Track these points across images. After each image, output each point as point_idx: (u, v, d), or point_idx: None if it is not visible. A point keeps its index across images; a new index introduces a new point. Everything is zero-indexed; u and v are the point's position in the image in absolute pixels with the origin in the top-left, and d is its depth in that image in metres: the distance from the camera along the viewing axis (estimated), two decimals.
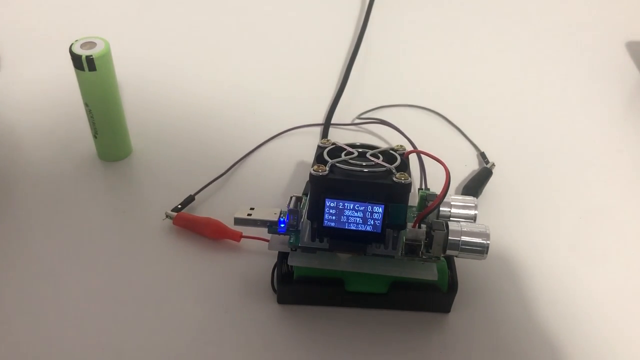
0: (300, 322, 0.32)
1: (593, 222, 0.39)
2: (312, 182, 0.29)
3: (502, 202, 0.40)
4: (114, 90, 0.38)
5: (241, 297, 0.33)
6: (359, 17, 0.58)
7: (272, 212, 0.31)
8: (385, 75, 0.52)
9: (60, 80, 0.47)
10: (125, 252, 0.35)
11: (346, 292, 0.32)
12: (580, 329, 0.33)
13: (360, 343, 0.31)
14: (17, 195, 0.39)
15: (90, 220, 0.37)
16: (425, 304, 0.33)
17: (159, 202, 0.38)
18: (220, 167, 0.41)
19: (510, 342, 0.32)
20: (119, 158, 0.42)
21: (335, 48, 0.54)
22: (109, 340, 0.31)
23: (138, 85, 0.48)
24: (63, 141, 0.43)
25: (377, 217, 0.29)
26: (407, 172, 0.30)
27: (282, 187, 0.40)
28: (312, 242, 0.31)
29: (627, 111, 0.50)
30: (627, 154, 0.45)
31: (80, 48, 0.36)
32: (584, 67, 0.54)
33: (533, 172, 0.42)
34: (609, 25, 0.60)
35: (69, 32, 0.52)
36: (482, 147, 0.44)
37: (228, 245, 0.36)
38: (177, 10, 0.59)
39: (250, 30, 0.56)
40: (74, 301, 0.33)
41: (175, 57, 0.52)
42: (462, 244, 0.29)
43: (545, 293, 0.34)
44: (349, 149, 0.32)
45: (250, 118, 0.46)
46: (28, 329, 0.31)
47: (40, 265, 0.34)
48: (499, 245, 0.36)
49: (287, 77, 0.51)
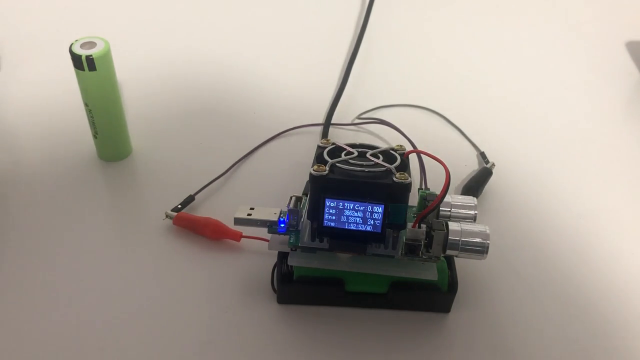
0: (300, 322, 0.32)
1: (593, 222, 0.39)
2: (312, 182, 0.29)
3: (502, 202, 0.40)
4: (114, 90, 0.38)
5: (241, 297, 0.33)
6: (359, 16, 0.58)
7: (272, 212, 0.31)
8: (385, 75, 0.52)
9: (60, 80, 0.47)
10: (125, 252, 0.36)
11: (346, 292, 0.32)
12: (580, 329, 0.33)
13: (360, 343, 0.31)
14: (17, 195, 0.39)
15: (90, 220, 0.37)
16: (425, 304, 0.33)
17: (159, 202, 0.38)
18: (220, 167, 0.41)
19: (510, 342, 0.32)
20: (119, 158, 0.42)
21: (335, 48, 0.54)
22: (108, 340, 0.31)
23: (138, 85, 0.48)
24: (63, 141, 0.43)
25: (377, 217, 0.29)
26: (407, 172, 0.29)
27: (282, 187, 0.40)
28: (312, 242, 0.31)
29: (627, 111, 0.50)
30: (627, 153, 0.45)
31: (80, 48, 0.36)
32: (584, 67, 0.54)
33: (533, 172, 0.42)
34: (609, 25, 0.60)
35: (69, 32, 0.52)
36: (482, 147, 0.44)
37: (228, 245, 0.36)
38: (177, 10, 0.59)
39: (251, 30, 0.56)
40: (73, 301, 0.33)
41: (175, 57, 0.52)
42: (462, 244, 0.29)
43: (545, 293, 0.34)
44: (349, 149, 0.32)
45: (250, 118, 0.46)
46: (28, 329, 0.31)
47: (40, 265, 0.34)
48: (499, 245, 0.36)
49: (287, 77, 0.51)
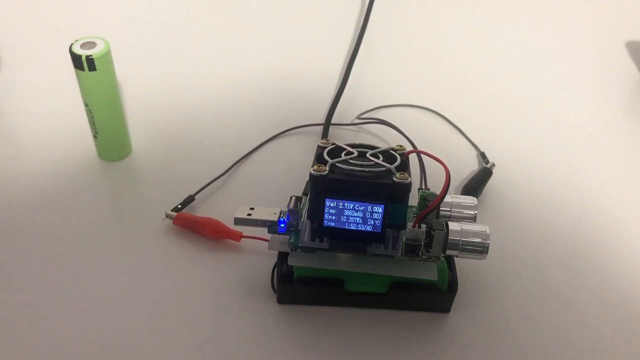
0: (300, 322, 0.32)
1: (593, 222, 0.39)
2: (312, 182, 0.29)
3: (502, 202, 0.40)
4: (114, 90, 0.38)
5: (241, 297, 0.33)
6: (359, 16, 0.58)
7: (272, 212, 0.31)
8: (385, 75, 0.52)
9: (60, 80, 0.47)
10: (125, 252, 0.35)
11: (346, 292, 0.32)
12: (580, 329, 0.33)
13: (360, 343, 0.31)
14: (17, 195, 0.39)
15: (90, 220, 0.37)
16: (425, 304, 0.33)
17: (159, 202, 0.38)
18: (220, 167, 0.41)
19: (510, 342, 0.32)
20: (119, 158, 0.42)
21: (335, 48, 0.54)
22: (108, 340, 0.31)
23: (138, 85, 0.48)
24: (63, 141, 0.43)
25: (377, 217, 0.29)
26: (407, 172, 0.29)
27: (282, 187, 0.40)
28: (312, 242, 0.31)
29: (627, 111, 0.50)
30: (627, 153, 0.45)
31: (80, 48, 0.36)
32: (584, 67, 0.54)
33: (533, 171, 0.42)
34: (609, 25, 0.60)
35: (69, 32, 0.52)
36: (482, 147, 0.44)
37: (228, 245, 0.36)
38: (177, 10, 0.59)
39: (251, 30, 0.56)
40: (73, 301, 0.33)
41: (175, 57, 0.52)
42: (462, 244, 0.29)
43: (545, 293, 0.34)
44: (349, 149, 0.32)
45: (250, 118, 0.46)
46: (27, 329, 0.31)
47: (40, 265, 0.34)
48: (499, 245, 0.36)
49: (287, 77, 0.51)
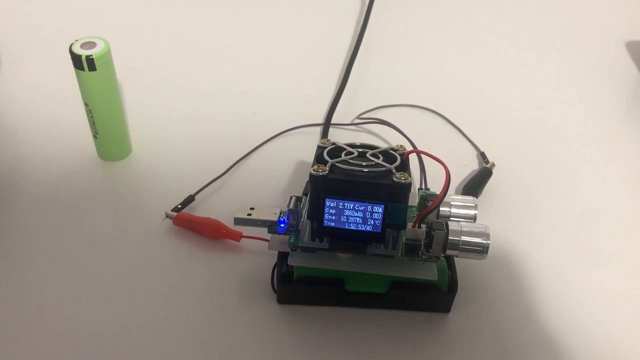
0: (300, 322, 0.32)
1: (593, 222, 0.39)
2: (312, 182, 0.29)
3: (502, 202, 0.40)
4: (114, 90, 0.38)
5: (241, 297, 0.33)
6: (359, 17, 0.58)
7: (272, 212, 0.31)
8: (385, 75, 0.52)
9: (60, 80, 0.47)
10: (125, 252, 0.35)
11: (346, 292, 0.32)
12: (580, 329, 0.33)
13: (360, 343, 0.31)
14: (17, 195, 0.39)
15: (90, 220, 0.37)
16: (425, 304, 0.33)
17: (159, 202, 0.38)
18: (220, 167, 0.41)
19: (510, 342, 0.32)
20: (119, 158, 0.42)
21: (335, 48, 0.54)
22: (108, 340, 0.31)
23: (138, 85, 0.48)
24: (63, 141, 0.43)
25: (377, 217, 0.29)
26: (407, 172, 0.29)
27: (282, 187, 0.40)
28: (312, 242, 0.31)
29: (627, 111, 0.50)
30: (627, 153, 0.45)
31: (80, 48, 0.36)
32: (584, 67, 0.54)
33: (533, 172, 0.42)
34: (609, 25, 0.60)
35: (69, 32, 0.52)
36: (482, 147, 0.44)
37: (228, 245, 0.36)
38: (177, 10, 0.59)
39: (250, 30, 0.56)
40: (73, 301, 0.33)
41: (175, 57, 0.52)
42: (462, 244, 0.29)
43: (545, 293, 0.34)
44: (349, 149, 0.32)
45: (250, 118, 0.46)
46: (27, 329, 0.31)
47: (40, 265, 0.34)
48: (499, 245, 0.36)
49: (287, 77, 0.51)
